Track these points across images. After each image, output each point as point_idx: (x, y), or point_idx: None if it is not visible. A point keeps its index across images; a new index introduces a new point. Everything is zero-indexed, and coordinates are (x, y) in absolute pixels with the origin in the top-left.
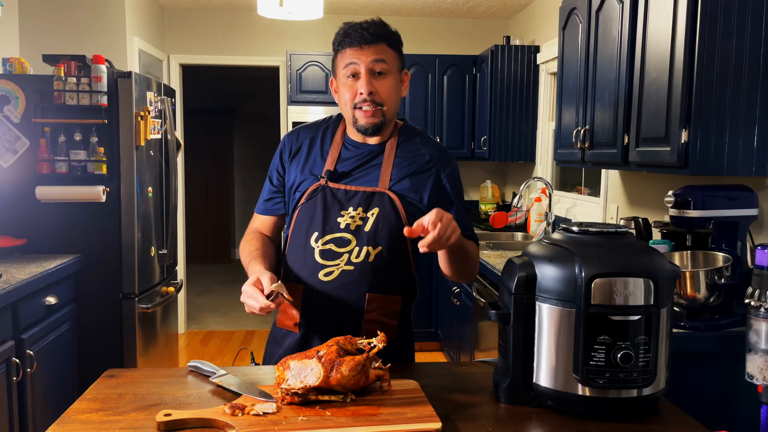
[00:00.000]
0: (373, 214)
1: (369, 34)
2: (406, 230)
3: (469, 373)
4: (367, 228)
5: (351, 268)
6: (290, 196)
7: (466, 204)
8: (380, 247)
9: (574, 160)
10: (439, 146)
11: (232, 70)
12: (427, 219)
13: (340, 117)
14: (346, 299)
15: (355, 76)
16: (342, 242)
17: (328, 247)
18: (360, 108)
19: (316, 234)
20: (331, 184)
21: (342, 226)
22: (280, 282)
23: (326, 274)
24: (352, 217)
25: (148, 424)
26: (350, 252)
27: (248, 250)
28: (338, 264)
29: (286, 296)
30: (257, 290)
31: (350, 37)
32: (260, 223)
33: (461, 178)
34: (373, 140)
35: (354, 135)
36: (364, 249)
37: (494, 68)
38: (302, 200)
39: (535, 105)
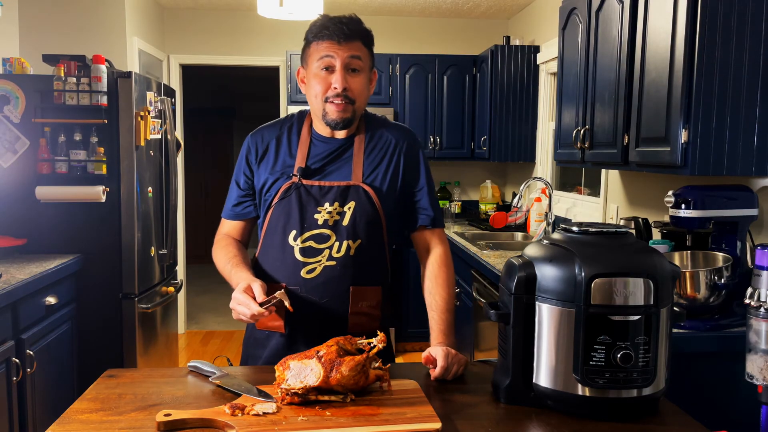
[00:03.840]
0: (350, 207)
1: (348, 30)
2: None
3: (469, 373)
4: (345, 222)
5: (333, 263)
6: (261, 197)
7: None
8: (360, 240)
9: (574, 160)
10: (404, 129)
11: (232, 70)
12: (437, 354)
13: (303, 113)
14: (330, 294)
15: (329, 69)
16: (321, 238)
17: (308, 244)
18: (332, 102)
19: (294, 232)
20: (304, 181)
21: (320, 222)
22: (282, 290)
23: (308, 272)
24: (329, 212)
25: (148, 424)
26: (330, 247)
27: (226, 257)
28: (320, 260)
29: (287, 304)
30: (249, 297)
31: (329, 30)
32: (230, 228)
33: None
34: (340, 134)
35: (322, 130)
36: (345, 243)
37: (494, 68)
38: (275, 199)
39: (535, 105)
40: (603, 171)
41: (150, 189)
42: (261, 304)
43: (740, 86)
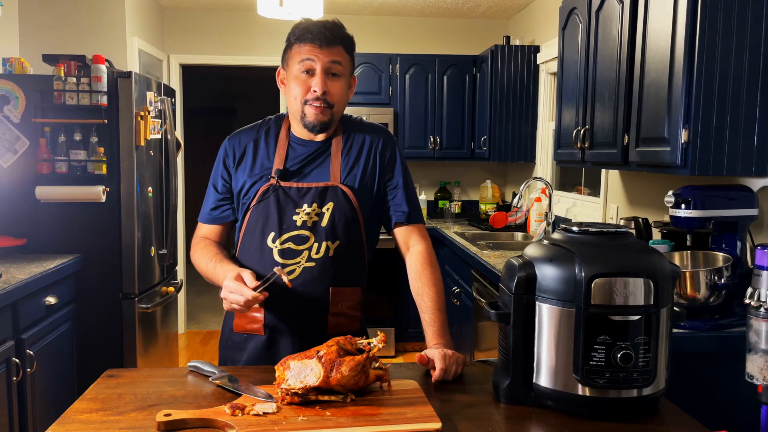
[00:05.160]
0: (328, 208)
1: (330, 35)
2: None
3: (469, 373)
4: (324, 223)
5: (312, 264)
6: (239, 200)
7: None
8: (339, 241)
9: (574, 160)
10: (378, 128)
11: (232, 70)
12: (434, 356)
13: (280, 117)
14: (310, 296)
15: (309, 72)
16: (300, 240)
17: (286, 246)
18: (311, 105)
19: (272, 234)
20: (282, 183)
21: (299, 223)
22: (279, 267)
23: (288, 273)
24: (308, 213)
25: (148, 424)
26: (309, 249)
27: (207, 257)
28: (299, 262)
29: (285, 280)
30: (241, 284)
31: (311, 33)
32: (207, 231)
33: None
34: (319, 137)
35: (300, 133)
36: (324, 244)
37: (494, 68)
38: (254, 202)
39: (535, 105)
40: (603, 171)
41: (150, 189)
42: (254, 289)
43: (740, 86)
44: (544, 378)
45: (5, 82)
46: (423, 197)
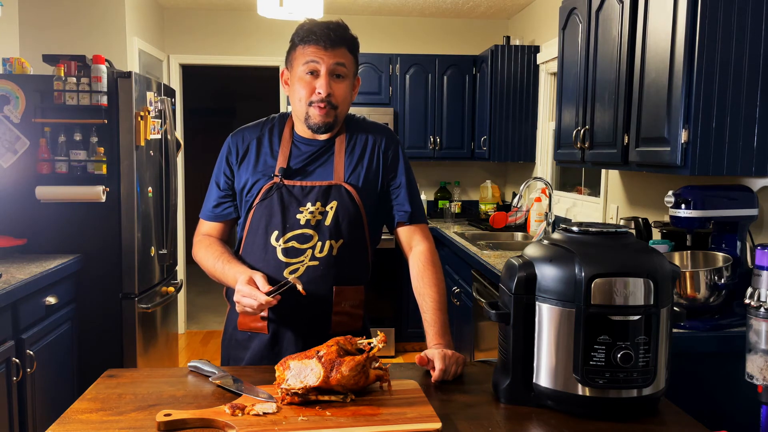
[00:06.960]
0: (332, 207)
1: (335, 36)
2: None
3: (469, 373)
4: (328, 222)
5: (316, 263)
6: (242, 198)
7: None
8: (342, 240)
9: (573, 160)
10: (382, 128)
11: (232, 70)
12: (434, 356)
13: (284, 116)
14: (314, 294)
15: (313, 74)
16: (304, 238)
17: (290, 244)
18: (316, 106)
19: (276, 233)
20: (286, 182)
21: (302, 222)
22: (294, 276)
23: (291, 272)
24: (312, 212)
25: (148, 424)
26: (313, 247)
27: (214, 256)
28: (303, 260)
29: (300, 289)
30: (254, 288)
31: (315, 35)
32: (209, 228)
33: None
34: (322, 136)
35: (303, 132)
36: (327, 243)
37: (494, 68)
38: (257, 200)
39: (535, 105)
40: (603, 171)
41: (150, 189)
42: (267, 294)
43: (740, 86)
44: (544, 378)
45: (5, 82)
46: (423, 197)
